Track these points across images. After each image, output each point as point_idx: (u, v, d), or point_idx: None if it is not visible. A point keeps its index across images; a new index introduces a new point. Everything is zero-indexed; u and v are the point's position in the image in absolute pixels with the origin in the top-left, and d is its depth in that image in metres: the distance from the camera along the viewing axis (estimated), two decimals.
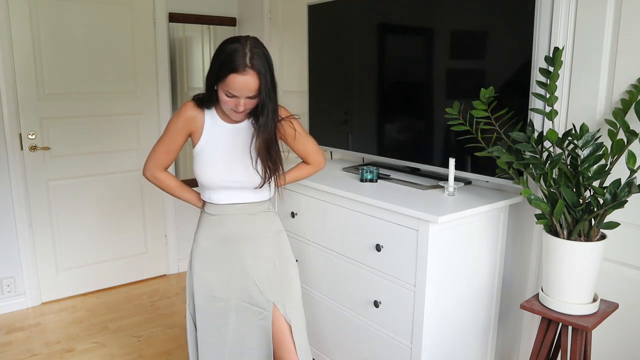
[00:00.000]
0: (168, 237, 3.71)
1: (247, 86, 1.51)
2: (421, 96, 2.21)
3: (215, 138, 1.68)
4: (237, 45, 1.51)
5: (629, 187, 1.43)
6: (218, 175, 1.68)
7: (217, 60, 1.54)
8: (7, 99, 2.96)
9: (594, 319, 1.56)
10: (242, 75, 1.49)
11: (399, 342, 1.94)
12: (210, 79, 1.58)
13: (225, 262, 1.75)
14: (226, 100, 1.56)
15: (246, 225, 1.75)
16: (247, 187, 1.71)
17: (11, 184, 3.05)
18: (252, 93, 1.54)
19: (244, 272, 1.73)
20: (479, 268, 1.99)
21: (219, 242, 1.75)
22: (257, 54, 1.52)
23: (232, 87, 1.51)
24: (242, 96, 1.54)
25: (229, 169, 1.68)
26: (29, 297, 3.22)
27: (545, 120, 1.88)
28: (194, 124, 1.67)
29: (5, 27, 2.90)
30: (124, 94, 3.38)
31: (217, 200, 1.73)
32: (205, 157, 1.68)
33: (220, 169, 1.68)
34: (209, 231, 1.76)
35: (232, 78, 1.50)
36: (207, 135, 1.67)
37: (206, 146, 1.68)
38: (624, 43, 1.68)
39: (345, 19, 2.54)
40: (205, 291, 1.75)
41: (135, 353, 2.72)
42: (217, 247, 1.75)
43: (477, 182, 2.17)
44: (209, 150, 1.68)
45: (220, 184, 1.69)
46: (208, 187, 1.72)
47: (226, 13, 3.72)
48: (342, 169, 2.52)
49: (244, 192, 1.73)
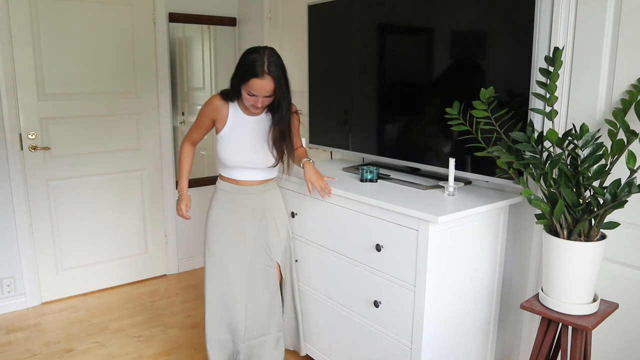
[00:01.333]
0: (168, 237, 3.71)
1: (265, 88, 1.90)
2: (421, 96, 2.21)
3: (237, 126, 2.06)
4: (257, 55, 1.89)
5: (629, 187, 1.43)
6: (237, 156, 2.06)
7: (241, 66, 1.93)
8: (7, 99, 2.96)
9: (594, 319, 1.56)
10: (261, 79, 1.88)
11: (399, 342, 1.94)
12: (235, 80, 1.97)
13: (239, 229, 2.13)
14: (248, 98, 1.95)
15: (256, 199, 2.13)
16: (258, 168, 2.09)
17: (11, 184, 3.05)
18: (268, 93, 1.93)
19: (254, 236, 2.13)
20: (479, 268, 1.99)
21: (234, 212, 2.13)
22: (273, 63, 1.90)
23: (253, 89, 1.90)
24: (260, 95, 1.92)
25: (246, 151, 2.05)
26: (29, 297, 3.21)
27: (545, 120, 1.88)
28: (218, 112, 2.06)
29: (5, 27, 2.90)
30: (124, 94, 3.38)
31: (235, 176, 2.11)
32: (227, 141, 2.06)
33: (239, 151, 2.05)
34: (226, 203, 2.14)
35: (253, 81, 1.88)
36: (230, 124, 2.06)
37: (229, 132, 2.06)
38: (624, 43, 1.68)
39: (345, 19, 2.54)
40: (217, 254, 2.15)
41: (135, 353, 2.72)
42: (232, 216, 2.13)
43: (477, 182, 2.17)
44: (231, 136, 2.06)
45: (238, 163, 2.07)
46: (228, 166, 2.10)
47: (226, 13, 3.72)
48: (342, 169, 2.52)
49: (256, 172, 2.11)
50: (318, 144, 2.82)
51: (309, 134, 2.88)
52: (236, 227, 2.13)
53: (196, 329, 2.96)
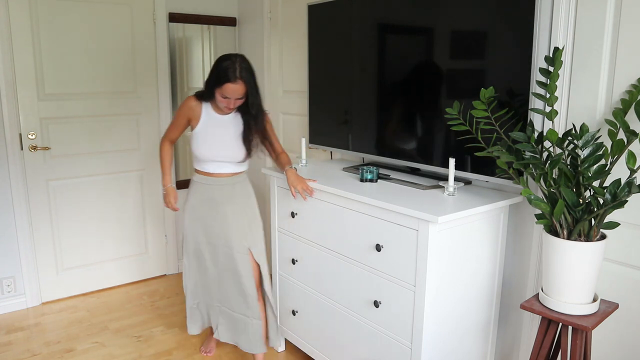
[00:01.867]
0: (168, 237, 3.71)
1: (237, 91, 2.11)
2: (421, 96, 2.21)
3: (209, 124, 2.27)
4: (229, 62, 2.10)
5: (629, 187, 1.43)
6: (209, 151, 2.26)
7: (215, 72, 2.13)
8: (7, 99, 2.96)
9: (594, 319, 1.56)
10: (234, 84, 2.09)
11: (399, 342, 1.94)
12: (209, 84, 2.17)
13: (211, 217, 2.34)
14: (221, 100, 2.16)
15: (227, 190, 2.34)
16: (229, 162, 2.30)
17: (11, 184, 3.05)
18: (240, 96, 2.14)
19: (226, 224, 2.32)
20: (479, 268, 1.99)
21: (207, 201, 2.34)
22: (245, 69, 2.11)
23: (227, 92, 2.11)
24: (233, 98, 2.14)
25: (217, 147, 2.26)
26: (29, 297, 3.22)
27: (545, 120, 1.88)
28: (193, 112, 2.27)
29: (5, 27, 2.90)
30: (124, 94, 3.38)
31: (207, 169, 2.32)
32: (201, 137, 2.26)
33: (211, 146, 2.26)
34: (199, 194, 2.35)
35: (227, 86, 2.09)
36: (203, 122, 2.27)
37: (202, 130, 2.27)
38: (623, 43, 1.68)
39: (345, 19, 2.54)
40: (193, 239, 2.38)
41: (135, 353, 2.72)
42: (205, 205, 2.34)
43: (477, 182, 2.17)
44: (204, 133, 2.26)
45: (210, 157, 2.28)
46: (201, 160, 2.31)
47: (226, 13, 3.72)
48: (342, 169, 2.52)
49: (226, 165, 2.31)
50: (318, 144, 2.82)
51: (309, 134, 2.88)
52: (209, 214, 2.34)
53: None
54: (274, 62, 3.43)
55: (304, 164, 2.58)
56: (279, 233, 2.56)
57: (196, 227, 2.37)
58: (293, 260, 2.47)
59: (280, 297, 2.63)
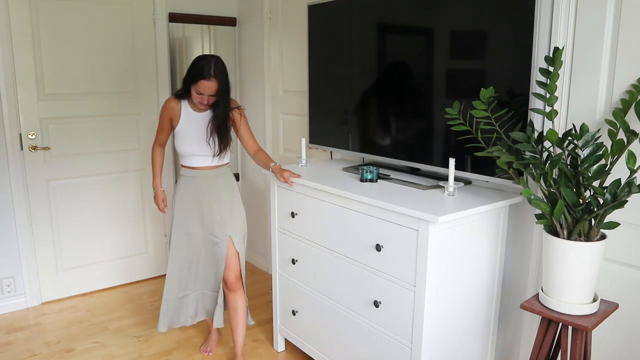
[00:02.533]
0: (168, 237, 3.71)
1: (210, 88, 2.25)
2: (421, 96, 2.21)
3: (188, 122, 2.40)
4: (205, 61, 2.25)
5: (629, 187, 1.43)
6: (190, 146, 2.41)
7: (192, 70, 2.28)
8: (7, 99, 2.96)
9: (594, 319, 1.56)
10: (208, 81, 2.23)
11: (399, 342, 1.94)
12: (186, 81, 2.32)
13: (196, 208, 2.47)
14: (196, 96, 2.30)
15: (211, 182, 2.47)
16: (209, 155, 2.42)
17: (11, 184, 3.05)
18: (213, 92, 2.28)
19: (210, 214, 2.46)
20: (479, 268, 1.99)
21: (192, 193, 2.47)
22: (218, 68, 2.26)
23: (201, 88, 2.25)
24: (206, 94, 2.27)
25: (197, 142, 2.40)
26: (29, 297, 3.22)
27: (545, 120, 1.88)
28: (173, 111, 2.41)
29: (5, 27, 2.90)
30: (124, 94, 3.38)
31: (191, 164, 2.45)
32: (182, 134, 2.41)
33: (192, 142, 2.40)
34: (186, 186, 2.48)
35: (201, 82, 2.24)
36: (183, 119, 2.41)
37: (183, 127, 2.41)
38: (624, 43, 1.68)
39: (345, 19, 2.54)
40: (181, 228, 2.50)
41: (135, 353, 2.72)
42: (191, 196, 2.47)
43: (477, 182, 2.17)
44: (184, 130, 2.40)
45: (192, 152, 2.42)
46: (185, 155, 2.45)
47: (226, 13, 3.72)
48: (342, 169, 2.52)
49: (207, 159, 2.44)
50: (318, 144, 2.82)
51: (309, 134, 2.88)
52: (195, 205, 2.47)
53: (196, 328, 2.96)
54: (274, 62, 3.43)
55: (304, 164, 2.58)
56: (279, 233, 2.56)
57: (183, 217, 2.50)
58: (293, 260, 2.47)
59: (281, 297, 2.63)
